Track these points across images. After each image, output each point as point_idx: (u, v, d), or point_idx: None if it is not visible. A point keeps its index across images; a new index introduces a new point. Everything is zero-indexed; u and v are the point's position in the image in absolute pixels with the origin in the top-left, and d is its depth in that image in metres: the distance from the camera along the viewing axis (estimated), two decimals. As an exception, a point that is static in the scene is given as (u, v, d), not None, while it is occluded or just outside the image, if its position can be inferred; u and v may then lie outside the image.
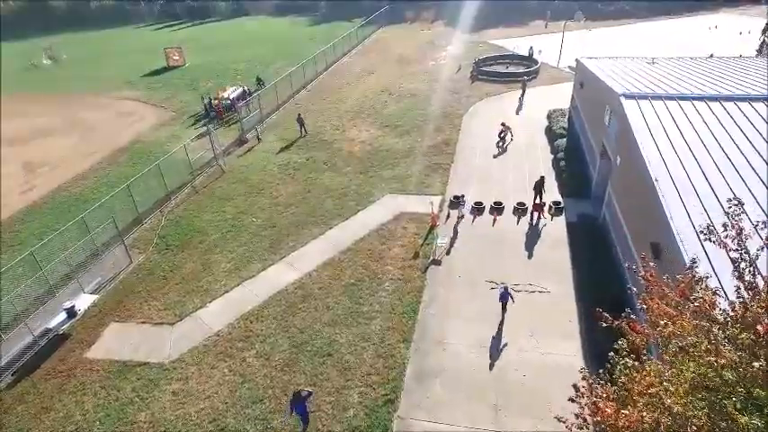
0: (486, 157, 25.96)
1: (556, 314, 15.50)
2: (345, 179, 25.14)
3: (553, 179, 23.14)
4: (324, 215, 22.08)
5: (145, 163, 28.80)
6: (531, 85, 36.50)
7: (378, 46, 54.88)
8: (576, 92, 26.98)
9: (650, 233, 13.35)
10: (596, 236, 18.27)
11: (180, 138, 32.27)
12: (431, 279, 17.51)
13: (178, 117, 36.28)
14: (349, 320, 16.02)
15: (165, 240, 21.71)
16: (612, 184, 17.87)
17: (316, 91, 40.44)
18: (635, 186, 15.10)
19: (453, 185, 23.48)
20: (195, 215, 23.45)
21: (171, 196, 25.03)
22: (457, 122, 30.64)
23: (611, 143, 18.33)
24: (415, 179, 24.29)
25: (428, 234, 19.93)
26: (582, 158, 23.65)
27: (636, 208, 14.97)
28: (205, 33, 69.84)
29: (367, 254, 19.09)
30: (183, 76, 46.97)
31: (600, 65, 24.73)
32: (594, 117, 22.15)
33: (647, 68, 23.36)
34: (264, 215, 22.79)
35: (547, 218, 20.26)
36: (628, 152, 16.01)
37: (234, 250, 20.51)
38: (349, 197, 23.33)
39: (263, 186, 25.47)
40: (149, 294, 18.44)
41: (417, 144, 28.20)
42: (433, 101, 35.05)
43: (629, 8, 65.14)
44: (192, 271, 19.53)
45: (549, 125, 28.51)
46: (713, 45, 44.76)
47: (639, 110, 16.57)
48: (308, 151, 29.02)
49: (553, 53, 42.61)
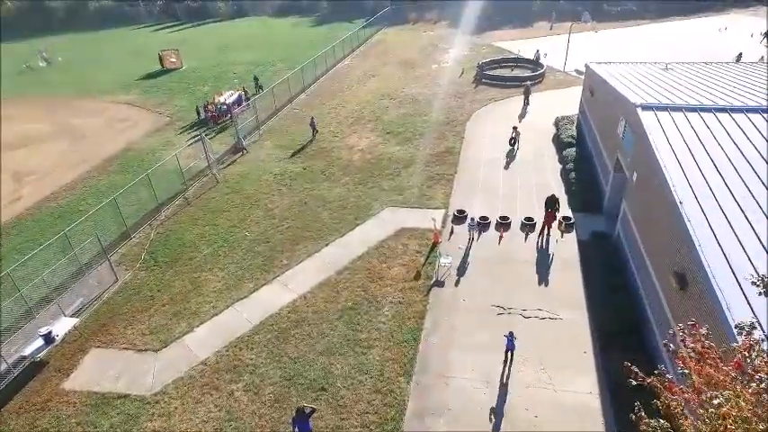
0: (491, 167, 24.79)
1: (569, 344, 14.34)
2: (344, 190, 24.01)
3: (562, 192, 21.97)
4: (320, 230, 20.96)
5: (136, 172, 27.76)
6: (536, 89, 35.29)
7: (379, 48, 53.73)
8: (586, 99, 25.79)
9: (673, 259, 12.18)
10: (610, 255, 17.09)
11: (174, 145, 31.23)
12: (433, 303, 16.36)
13: (172, 123, 35.21)
14: (345, 349, 14.89)
15: (153, 256, 20.63)
16: (628, 200, 16.69)
17: (315, 95, 39.33)
18: (654, 206, 13.94)
19: (457, 198, 22.33)
20: (186, 228, 22.36)
21: (162, 208, 23.97)
22: (460, 130, 29.48)
23: (626, 157, 17.15)
24: (417, 191, 23.14)
25: (430, 252, 18.78)
26: (593, 170, 22.46)
27: (656, 229, 13.79)
28: (204, 35, 68.80)
29: (365, 274, 17.95)
30: (179, 80, 45.89)
31: (611, 71, 23.53)
32: (606, 127, 20.96)
33: (661, 75, 22.17)
34: (258, 229, 21.69)
35: (557, 235, 19.08)
36: (646, 168, 14.84)
37: (225, 267, 19.42)
38: (347, 210, 22.21)
39: (258, 197, 24.36)
40: (134, 317, 17.35)
41: (419, 152, 27.05)
42: (436, 106, 33.90)
43: (637, 9, 63.85)
44: (181, 290, 18.43)
45: (556, 133, 27.33)
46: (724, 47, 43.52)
47: (658, 122, 15.39)
48: (305, 160, 27.91)
49: (559, 56, 41.40)
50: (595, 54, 43.72)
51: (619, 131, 18.44)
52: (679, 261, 11.78)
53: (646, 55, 42.40)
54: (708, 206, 12.00)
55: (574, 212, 20.28)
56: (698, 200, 12.21)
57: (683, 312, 11.51)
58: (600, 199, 20.52)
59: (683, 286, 11.41)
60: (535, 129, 28.66)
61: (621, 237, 17.22)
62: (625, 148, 17.49)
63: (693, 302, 11.01)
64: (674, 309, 12.07)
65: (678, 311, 11.79)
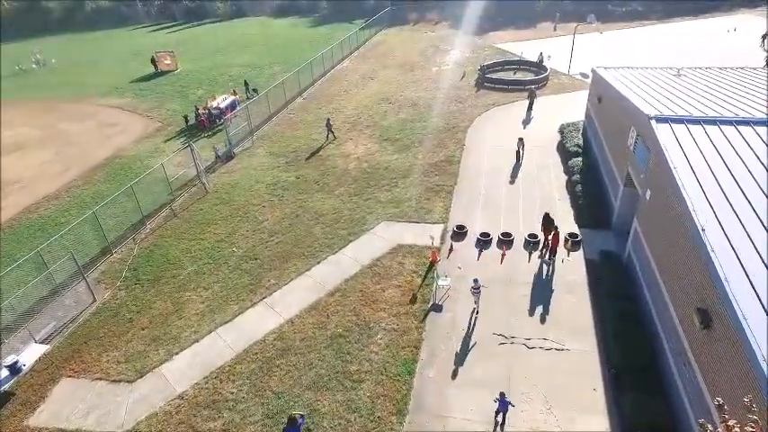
0: (493, 178, 23.57)
1: (577, 379, 13.14)
2: (338, 202, 22.84)
3: (568, 205, 20.76)
4: (311, 246, 19.79)
5: (122, 181, 26.67)
6: (540, 93, 34.02)
7: (379, 49, 52.53)
8: (593, 105, 24.54)
9: (694, 291, 10.97)
10: (621, 278, 15.86)
11: (163, 152, 30.13)
12: (430, 330, 15.17)
13: (163, 128, 34.08)
14: (333, 383, 13.71)
15: (135, 273, 19.50)
16: (640, 219, 15.46)
17: (312, 99, 38.16)
18: (672, 229, 12.71)
19: (457, 211, 21.12)
20: (171, 243, 21.23)
21: (147, 220, 22.84)
22: (460, 137, 28.26)
23: (639, 172, 15.92)
24: (415, 203, 21.94)
25: (428, 272, 17.59)
26: (600, 182, 21.23)
27: (673, 255, 12.57)
28: (201, 36, 67.70)
29: (358, 296, 16.77)
30: (173, 83, 44.78)
31: (619, 77, 22.30)
32: (615, 137, 19.73)
33: (672, 81, 20.93)
34: (247, 244, 20.53)
35: (563, 253, 17.86)
36: (661, 187, 13.62)
37: (210, 287, 18.27)
38: (341, 224, 21.03)
39: (248, 209, 23.21)
40: (110, 342, 16.21)
41: (417, 161, 25.85)
42: (436, 111, 32.69)
43: (642, 9, 62.49)
44: (162, 312, 17.29)
45: (561, 140, 26.09)
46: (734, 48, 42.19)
47: (674, 137, 14.17)
48: (298, 168, 26.74)
49: (563, 58, 40.15)
50: (601, 56, 42.48)
51: (629, 143, 17.22)
52: (701, 296, 10.57)
53: (653, 57, 41.13)
54: (733, 233, 10.79)
55: (580, 228, 19.06)
56: (722, 226, 10.99)
57: (707, 354, 10.31)
58: (609, 214, 19.30)
59: (707, 325, 10.20)
60: (539, 136, 27.40)
61: (633, 258, 15.99)
62: (637, 162, 16.26)
63: (720, 345, 9.81)
64: (695, 349, 10.86)
65: (701, 353, 10.58)
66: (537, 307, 15.67)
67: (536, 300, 15.97)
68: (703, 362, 10.50)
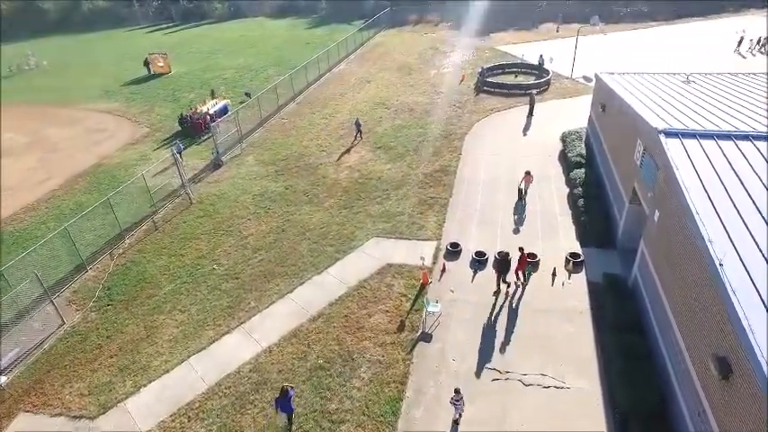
0: (490, 190, 22.33)
1: (579, 423, 11.89)
2: (326, 215, 21.66)
3: (570, 220, 19.51)
4: (296, 264, 18.61)
5: (104, 191, 25.58)
6: (541, 98, 32.79)
7: (377, 51, 51.33)
8: (596, 113, 23.26)
9: (710, 333, 9.73)
10: (626, 305, 14.57)
11: (149, 160, 29.05)
12: (418, 363, 13.95)
13: (151, 134, 33.00)
14: (311, 424, 12.51)
15: (109, 293, 18.38)
16: (648, 242, 14.21)
17: (305, 103, 36.99)
18: (683, 257, 11.47)
19: (451, 227, 19.90)
20: (150, 259, 20.10)
21: (126, 234, 21.73)
22: (457, 145, 27.02)
23: (646, 190, 14.67)
24: (407, 218, 20.73)
25: (418, 295, 16.37)
26: (604, 196, 19.95)
27: (685, 287, 11.33)
28: (198, 37, 66.68)
29: (342, 322, 15.58)
30: (165, 86, 43.74)
31: (624, 84, 21.03)
32: (621, 149, 18.46)
33: (681, 89, 19.64)
34: (228, 261, 19.38)
35: (563, 275, 16.61)
36: (672, 209, 12.37)
37: (186, 309, 17.12)
38: (328, 240, 19.84)
39: (233, 222, 22.07)
40: (75, 371, 15.09)
41: (412, 172, 24.62)
42: (433, 117, 31.46)
43: (648, 10, 61.03)
44: (133, 338, 16.16)
45: (563, 149, 24.83)
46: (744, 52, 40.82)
47: (686, 153, 12.91)
48: (288, 178, 25.58)
49: (565, 61, 38.83)
50: (605, 59, 41.20)
51: (636, 157, 15.96)
52: (719, 341, 9.32)
53: (659, 60, 39.80)
54: (756, 268, 9.53)
55: (583, 247, 17.80)
56: (742, 260, 9.74)
57: (725, 407, 9.07)
58: (613, 232, 18.03)
59: (725, 375, 8.96)
60: (540, 144, 26.16)
61: (639, 283, 14.73)
62: (644, 179, 15.00)
63: (739, 398, 8.57)
64: (712, 399, 9.61)
65: (718, 405, 9.34)
66: (535, 336, 14.43)
67: (534, 327, 14.73)
68: (721, 415, 9.27)
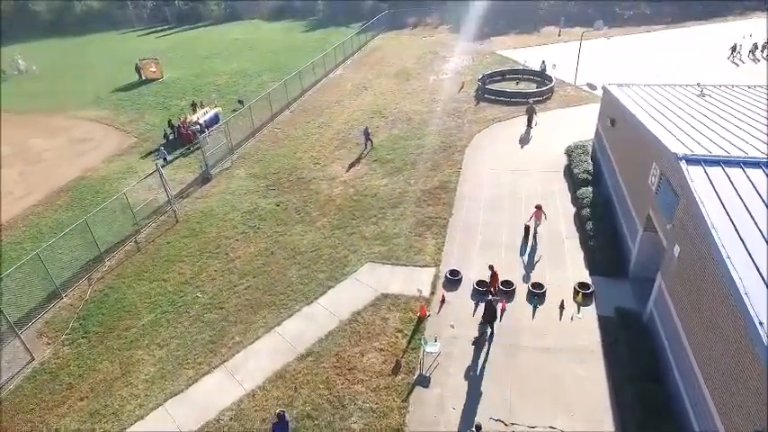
0: (492, 209, 21.10)
1: (592, 487, 10.68)
2: (318, 236, 20.42)
3: (577, 245, 18.27)
4: (285, 293, 17.37)
5: (86, 207, 24.43)
6: (544, 107, 31.60)
7: (375, 56, 50.11)
8: (604, 127, 22.03)
9: (746, 399, 8.51)
10: (642, 346, 13.35)
11: (135, 173, 27.82)
12: (414, 412, 12.71)
13: (139, 144, 31.74)
14: (295, 485, 11.30)
15: (84, 324, 17.15)
16: (666, 278, 12.98)
17: (300, 111, 35.74)
18: (711, 304, 10.25)
19: (451, 250, 18.66)
20: (130, 285, 18.88)
21: (106, 256, 20.50)
22: (457, 158, 25.78)
23: (664, 221, 13.44)
24: (404, 240, 19.49)
25: (415, 330, 15.14)
26: (614, 218, 18.72)
27: (713, 340, 10.11)
28: (192, 40, 65.41)
29: (332, 362, 14.34)
30: (156, 92, 42.48)
31: (635, 97, 19.82)
32: (633, 171, 17.23)
33: (696, 104, 18.42)
34: (213, 289, 18.14)
35: (572, 309, 15.39)
36: (695, 246, 11.15)
37: (165, 344, 15.89)
38: (319, 265, 18.60)
39: (220, 243, 20.83)
40: (41, 417, 13.86)
41: (409, 188, 23.38)
42: (432, 127, 30.23)
43: (651, 12, 59.84)
44: (106, 377, 14.93)
45: (568, 164, 23.60)
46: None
47: (710, 183, 11.68)
48: (280, 193, 24.34)
49: (569, 66, 37.58)
50: (609, 65, 40.03)
51: (650, 181, 14.74)
52: (758, 411, 8.09)
53: (665, 66, 38.60)
54: (799, 327, 8.30)
55: (592, 276, 16.57)
56: (783, 316, 8.50)
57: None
58: (625, 259, 16.80)
59: (770, 456, 7.73)
60: (543, 158, 24.93)
61: (656, 320, 13.50)
62: (660, 207, 13.78)
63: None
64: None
65: (759, 488, 8.10)
66: (543, 380, 13.20)
67: (541, 370, 13.50)
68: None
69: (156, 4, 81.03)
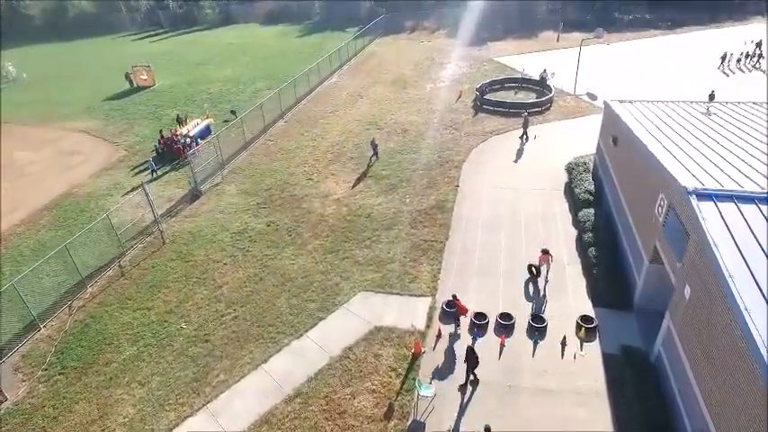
0: (491, 231, 20.32)
1: None
2: (310, 261, 19.62)
3: (580, 272, 17.49)
4: (273, 325, 16.57)
5: (71, 226, 23.63)
6: (543, 119, 30.88)
7: (372, 62, 49.29)
8: (606, 145, 21.27)
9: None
10: (649, 389, 12.60)
11: (123, 189, 26.98)
12: (408, 463, 11.95)
13: (128, 157, 30.88)
14: None
15: (62, 359, 16.32)
16: (675, 320, 12.22)
17: (294, 121, 34.92)
18: (725, 354, 9.51)
19: (447, 278, 17.87)
20: (112, 314, 18.06)
21: (89, 282, 19.68)
22: (454, 174, 24.99)
23: (672, 257, 12.68)
24: (398, 266, 18.70)
25: (409, 369, 14.36)
26: (618, 244, 17.95)
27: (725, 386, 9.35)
28: (186, 45, 64.53)
29: (321, 405, 13.55)
30: (147, 101, 41.61)
31: (638, 116, 19.07)
32: (637, 197, 16.47)
33: (702, 124, 17.70)
34: (198, 319, 17.33)
35: (575, 346, 14.62)
36: (708, 290, 10.39)
37: (146, 381, 15.08)
38: (310, 294, 17.80)
39: (207, 267, 20.02)
40: (12, 465, 13.04)
41: (404, 207, 22.59)
42: (428, 140, 29.44)
43: (650, 17, 59.19)
44: (83, 420, 14.13)
45: (569, 182, 22.84)
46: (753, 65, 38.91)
47: (724, 223, 10.92)
48: (271, 212, 23.54)
49: (568, 74, 36.82)
50: (609, 72, 39.31)
51: (657, 211, 13.98)
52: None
53: (659, 75, 37.84)
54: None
55: (595, 307, 15.81)
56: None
57: None
58: (629, 290, 16.05)
59: None
60: (543, 174, 24.16)
61: (665, 363, 12.75)
62: (668, 241, 13.02)
63: None
64: None
65: None
66: (545, 426, 12.42)
67: (543, 415, 12.72)
68: None
69: (151, 7, 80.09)
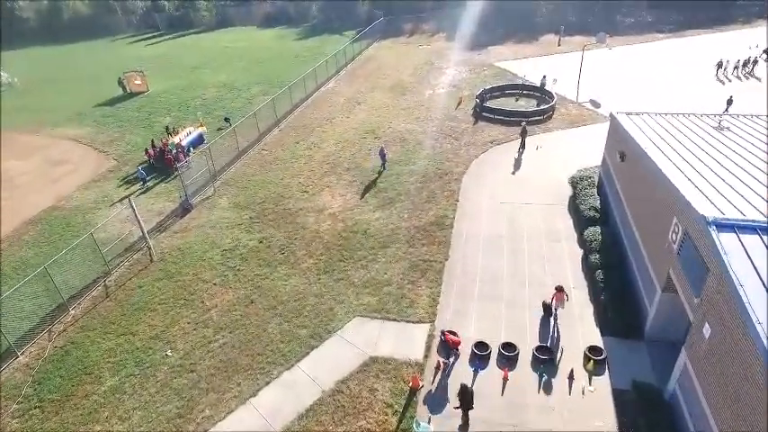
0: (492, 251, 19.40)
1: None
2: (303, 282, 18.73)
3: (586, 297, 16.61)
4: (263, 353, 15.67)
5: (56, 242, 22.82)
6: (546, 128, 30.03)
7: (370, 66, 48.42)
8: (612, 160, 20.37)
9: None
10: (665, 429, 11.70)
11: (111, 201, 26.12)
12: None
13: (118, 168, 29.97)
14: None
15: (38, 390, 15.43)
16: (693, 359, 11.33)
17: (289, 129, 34.04)
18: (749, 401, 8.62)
19: (447, 303, 16.96)
20: (95, 339, 17.17)
21: (71, 304, 18.78)
22: (454, 187, 24.10)
23: (688, 291, 11.80)
24: (395, 288, 17.81)
25: (406, 406, 13.46)
26: (627, 267, 17.05)
27: None
28: (182, 48, 63.68)
29: (312, 447, 12.67)
30: (140, 107, 40.72)
31: (647, 130, 18.19)
32: (648, 218, 15.58)
33: (715, 140, 16.81)
34: (185, 345, 16.44)
35: (583, 380, 13.73)
36: (731, 334, 9.51)
37: (127, 416, 14.20)
38: (302, 319, 16.91)
39: (195, 288, 19.13)
40: None
41: (402, 224, 21.69)
42: (427, 150, 28.55)
43: (652, 20, 58.34)
44: (58, 460, 13.22)
45: (573, 197, 21.96)
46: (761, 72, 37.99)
47: (748, 258, 10.05)
48: (264, 227, 22.65)
49: (570, 81, 35.97)
50: (612, 78, 38.43)
51: (671, 238, 13.10)
52: None
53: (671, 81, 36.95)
54: None
55: (603, 336, 14.92)
56: None
57: None
58: (640, 318, 15.15)
59: None
60: (546, 187, 23.28)
61: (681, 403, 11.86)
62: (684, 273, 12.13)
63: None
64: None
65: None
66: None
67: (550, 460, 11.85)
68: None
69: (147, 10, 79.19)
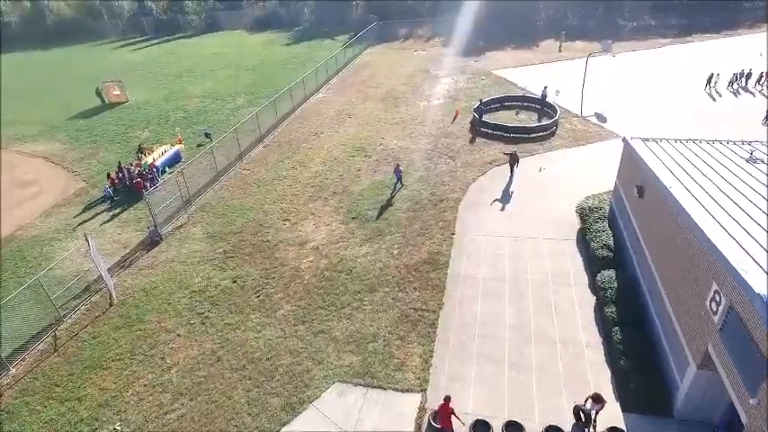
0: (492, 297, 17.14)
1: None
2: (277, 335, 16.45)
3: (602, 359, 14.37)
4: (226, 430, 13.38)
5: (8, 280, 20.71)
6: (549, 146, 27.88)
7: (362, 74, 46.20)
8: (628, 194, 18.16)
9: None
10: None
11: (73, 232, 23.74)
12: None
13: (86, 190, 27.60)
14: None
15: (-39, 476, 13.10)
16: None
17: (274, 146, 31.77)
18: None
19: (441, 366, 14.68)
20: (34, 407, 14.86)
21: (11, 361, 16.49)
22: (449, 217, 21.85)
23: (737, 380, 9.59)
24: (382, 346, 15.54)
25: (392, 508, 11.22)
26: (649, 323, 14.81)
27: None
28: (167, 54, 61.31)
29: None
30: (118, 120, 38.35)
31: (668, 161, 16.01)
32: (677, 274, 13.30)
33: (747, 175, 14.62)
34: (137, 416, 14.15)
35: (602, 472, 11.52)
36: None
37: None
38: (274, 384, 14.63)
39: (157, 341, 16.84)
40: None
41: (392, 261, 19.44)
42: (420, 172, 26.28)
43: (655, 24, 56.33)
44: None
45: (582, 230, 19.76)
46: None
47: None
48: (239, 263, 20.38)
49: (573, 91, 33.84)
50: (617, 89, 36.35)
51: (710, 307, 10.88)
52: None
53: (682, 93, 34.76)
54: None
55: (625, 412, 12.69)
56: None
57: None
58: (667, 390, 12.93)
59: None
60: (551, 218, 21.07)
61: None
62: (729, 356, 9.92)
63: None
64: None
65: None
66: None
67: None
68: None
69: (134, 14, 76.75)
